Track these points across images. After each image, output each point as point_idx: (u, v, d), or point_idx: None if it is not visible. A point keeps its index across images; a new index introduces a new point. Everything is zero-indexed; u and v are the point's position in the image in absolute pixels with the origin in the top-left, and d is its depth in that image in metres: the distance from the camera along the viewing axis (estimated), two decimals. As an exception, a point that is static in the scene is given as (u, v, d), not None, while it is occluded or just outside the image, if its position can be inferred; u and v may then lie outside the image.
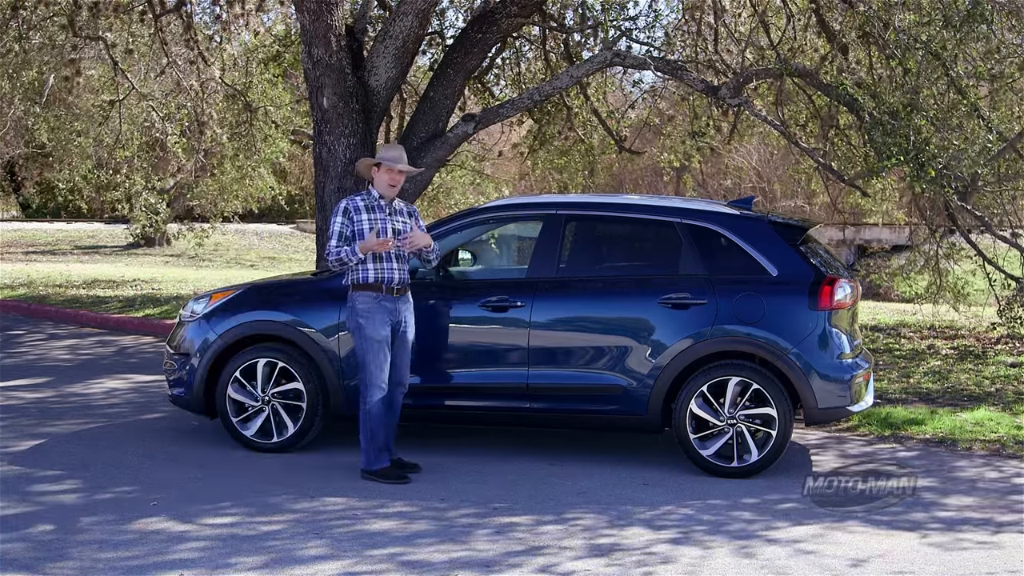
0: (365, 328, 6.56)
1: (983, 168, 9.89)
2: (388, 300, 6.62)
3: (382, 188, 6.76)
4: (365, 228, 6.62)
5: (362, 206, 6.69)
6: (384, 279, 6.61)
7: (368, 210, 6.68)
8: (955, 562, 5.34)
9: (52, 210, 34.98)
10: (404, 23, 10.45)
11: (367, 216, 6.66)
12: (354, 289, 6.64)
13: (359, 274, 6.61)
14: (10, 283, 17.62)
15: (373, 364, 6.56)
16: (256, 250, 29.89)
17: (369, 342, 6.56)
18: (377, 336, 6.56)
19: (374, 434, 6.59)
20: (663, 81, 17.12)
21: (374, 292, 6.60)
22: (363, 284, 6.61)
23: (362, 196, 6.75)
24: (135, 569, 5.02)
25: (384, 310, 6.61)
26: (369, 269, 6.60)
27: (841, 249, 26.45)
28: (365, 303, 6.59)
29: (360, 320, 6.58)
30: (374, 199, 6.75)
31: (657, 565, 5.22)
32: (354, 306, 6.62)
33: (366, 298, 6.59)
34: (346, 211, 6.66)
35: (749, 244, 6.99)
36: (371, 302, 6.58)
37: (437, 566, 5.14)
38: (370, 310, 6.57)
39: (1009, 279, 11.51)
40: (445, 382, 7.13)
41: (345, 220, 6.65)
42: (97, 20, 14.01)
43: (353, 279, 6.64)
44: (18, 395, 9.10)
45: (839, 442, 7.92)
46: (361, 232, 6.62)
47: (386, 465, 6.62)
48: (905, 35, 9.46)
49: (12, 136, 23.97)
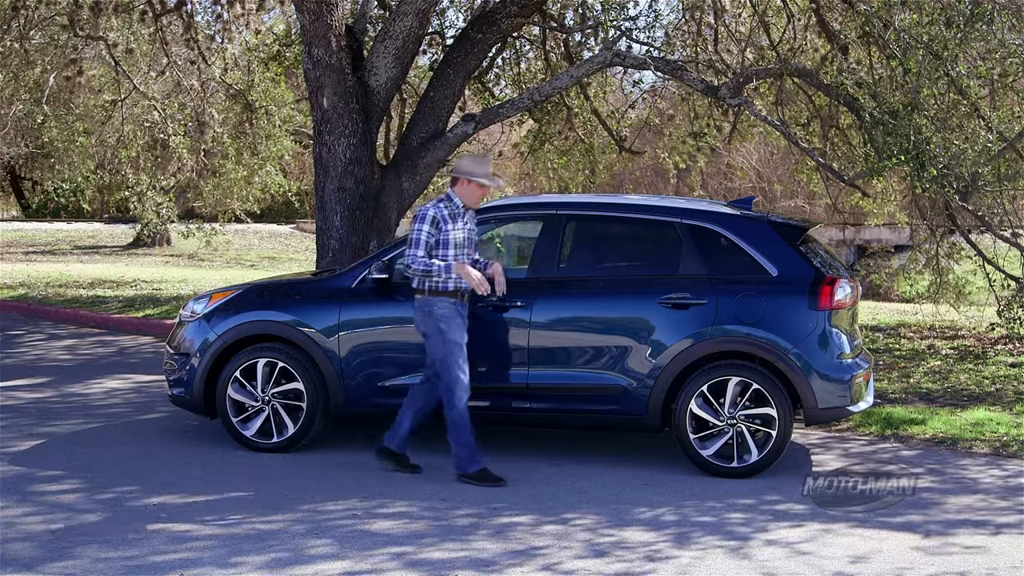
0: (447, 332, 6.56)
1: (983, 168, 9.89)
2: (462, 307, 6.67)
3: (471, 200, 6.75)
4: (451, 238, 6.62)
5: (447, 215, 6.65)
6: (462, 288, 6.64)
7: (452, 219, 6.66)
8: (955, 562, 5.34)
9: (52, 210, 34.99)
10: (404, 23, 10.46)
11: (451, 225, 6.65)
12: (431, 294, 6.61)
13: (439, 282, 6.60)
14: (10, 283, 17.62)
15: (456, 367, 6.56)
16: (256, 250, 29.89)
17: (452, 345, 6.56)
18: (459, 340, 6.59)
19: (462, 435, 6.57)
20: (663, 81, 17.13)
21: (452, 298, 6.61)
22: (442, 291, 6.60)
23: (444, 204, 6.69)
24: (135, 569, 5.02)
25: (460, 316, 6.64)
26: (451, 278, 6.60)
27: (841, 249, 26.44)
28: (445, 308, 6.59)
29: (441, 325, 6.57)
30: (456, 207, 6.71)
31: (657, 564, 5.22)
32: (432, 311, 6.59)
33: (446, 303, 6.60)
34: (434, 220, 6.61)
35: (749, 244, 7.00)
36: (450, 307, 6.60)
37: (438, 566, 5.14)
38: (450, 315, 6.59)
39: (1009, 279, 11.51)
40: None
41: (432, 229, 6.60)
42: (98, 20, 14.02)
43: (431, 285, 6.61)
44: (18, 395, 9.10)
45: (839, 442, 7.92)
46: (447, 242, 6.61)
47: (482, 467, 6.59)
48: (905, 35, 9.46)
49: (13, 136, 23.99)
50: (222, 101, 17.06)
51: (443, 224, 6.63)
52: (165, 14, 14.22)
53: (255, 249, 30.11)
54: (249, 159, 17.88)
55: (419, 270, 6.56)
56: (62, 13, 14.40)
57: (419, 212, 6.70)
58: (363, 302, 7.25)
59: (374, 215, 10.45)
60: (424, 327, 6.66)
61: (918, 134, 9.17)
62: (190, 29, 14.40)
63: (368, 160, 10.45)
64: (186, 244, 27.57)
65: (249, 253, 29.02)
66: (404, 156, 10.82)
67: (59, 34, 15.32)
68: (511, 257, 11.34)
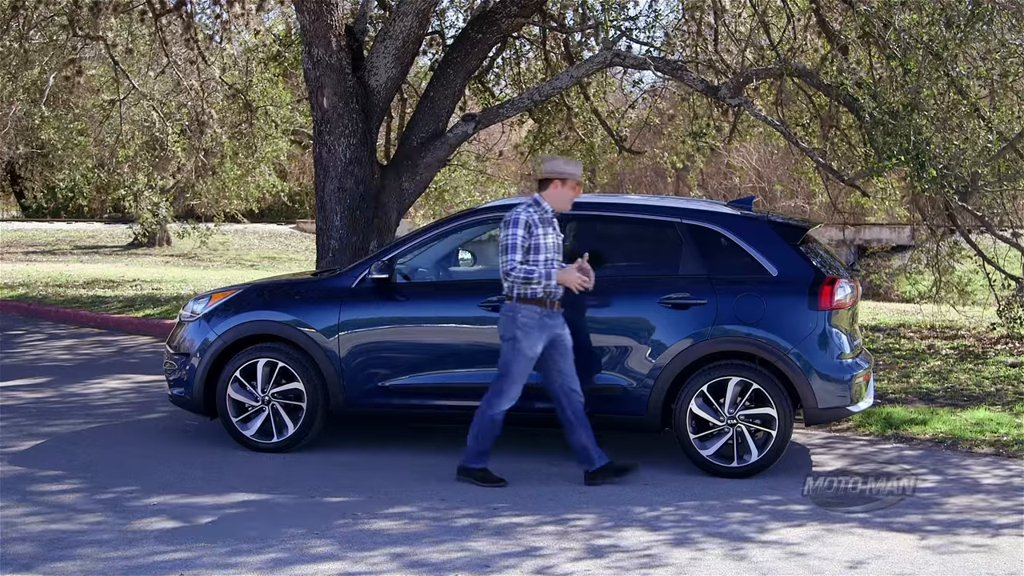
0: (521, 342, 6.47)
1: (983, 168, 9.89)
2: (549, 316, 6.55)
3: (563, 203, 6.67)
4: (541, 243, 6.53)
5: (537, 220, 6.56)
6: (551, 294, 6.55)
7: (542, 223, 6.58)
8: (956, 563, 5.34)
9: (52, 210, 34.98)
10: (404, 23, 10.45)
11: (541, 230, 6.56)
12: (519, 301, 6.50)
13: (529, 288, 6.51)
14: (10, 283, 17.61)
15: (516, 375, 6.50)
16: (256, 250, 29.88)
17: (521, 355, 6.48)
18: (530, 352, 6.49)
19: (484, 436, 6.54)
20: (663, 81, 17.15)
21: (540, 307, 6.50)
22: (532, 298, 6.49)
23: (534, 208, 6.58)
24: (135, 569, 5.02)
25: (544, 327, 6.52)
26: (548, 284, 6.52)
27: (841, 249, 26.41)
28: (528, 317, 6.48)
29: (518, 332, 6.47)
30: (546, 212, 6.62)
31: (657, 565, 5.22)
32: (515, 317, 6.49)
33: (530, 312, 6.48)
34: (527, 225, 6.50)
35: (749, 244, 6.99)
36: (534, 317, 6.48)
37: (437, 566, 5.14)
38: (530, 325, 6.48)
39: (1009, 279, 11.51)
40: (446, 382, 7.12)
41: (526, 234, 6.50)
42: (97, 19, 14.01)
43: (521, 292, 6.50)
44: (18, 395, 9.10)
45: (840, 442, 7.92)
46: (538, 247, 6.51)
47: (485, 467, 6.58)
48: (905, 35, 9.46)
49: (13, 136, 23.97)
50: (221, 101, 17.05)
51: (534, 229, 6.52)
52: (165, 14, 14.22)
53: (255, 249, 30.10)
54: (245, 159, 17.87)
55: (519, 276, 6.42)
56: (61, 13, 14.40)
57: (511, 217, 6.52)
58: (363, 302, 7.25)
59: (374, 215, 10.45)
60: (504, 331, 6.54)
61: (918, 134, 9.17)
62: (190, 29, 14.40)
63: (368, 160, 10.45)
64: (186, 244, 27.57)
65: (249, 253, 29.02)
66: (404, 156, 10.82)
67: (58, 34, 15.31)
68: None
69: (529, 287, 6.47)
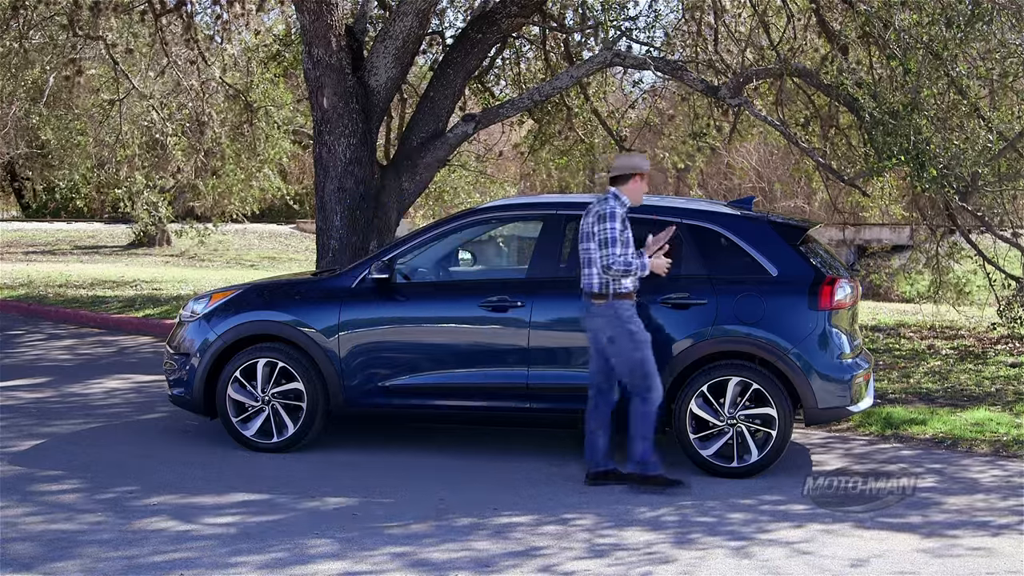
0: (637, 333, 6.50)
1: (983, 168, 9.89)
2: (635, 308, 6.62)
3: (638, 197, 6.71)
4: (629, 236, 6.57)
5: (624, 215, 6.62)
6: (636, 288, 6.62)
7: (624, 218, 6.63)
8: (955, 563, 5.34)
9: (52, 210, 34.97)
10: (404, 23, 10.46)
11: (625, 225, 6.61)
12: (615, 298, 6.52)
13: (620, 284, 6.53)
14: (10, 283, 17.61)
15: (653, 363, 6.51)
16: (256, 250, 29.87)
17: (645, 344, 6.50)
18: (645, 335, 6.54)
19: (649, 432, 6.51)
20: (663, 81, 17.13)
21: (630, 300, 6.56)
22: (624, 293, 6.53)
23: (619, 204, 6.60)
24: (135, 569, 5.02)
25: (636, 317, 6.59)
26: (629, 280, 6.57)
27: (841, 249, 26.41)
28: (628, 310, 6.52)
29: (631, 327, 6.50)
30: (626, 207, 6.66)
31: (657, 565, 5.22)
32: (618, 313, 6.50)
33: (627, 305, 6.53)
34: (623, 219, 6.55)
35: (749, 244, 7.00)
36: (631, 309, 6.55)
37: (438, 566, 5.14)
38: (633, 316, 6.54)
39: (1009, 279, 11.51)
40: (446, 382, 7.13)
41: (622, 227, 6.54)
42: (97, 19, 14.01)
43: (615, 289, 6.52)
44: (18, 395, 9.10)
45: (839, 442, 7.92)
46: (628, 240, 6.56)
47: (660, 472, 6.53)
48: (905, 35, 9.46)
49: (13, 136, 23.97)
50: (221, 102, 17.04)
51: (626, 222, 6.59)
52: (165, 14, 14.22)
53: (255, 249, 30.09)
54: (247, 161, 17.85)
55: (620, 269, 6.44)
56: (61, 13, 14.39)
57: (605, 211, 6.51)
58: (363, 302, 7.25)
59: (374, 215, 10.45)
60: (611, 331, 6.51)
61: (918, 134, 9.17)
62: (190, 29, 14.39)
63: (368, 160, 10.45)
64: (186, 244, 27.56)
65: (249, 253, 29.01)
66: (404, 156, 10.82)
67: (58, 34, 15.30)
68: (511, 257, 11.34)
69: (623, 282, 6.51)
